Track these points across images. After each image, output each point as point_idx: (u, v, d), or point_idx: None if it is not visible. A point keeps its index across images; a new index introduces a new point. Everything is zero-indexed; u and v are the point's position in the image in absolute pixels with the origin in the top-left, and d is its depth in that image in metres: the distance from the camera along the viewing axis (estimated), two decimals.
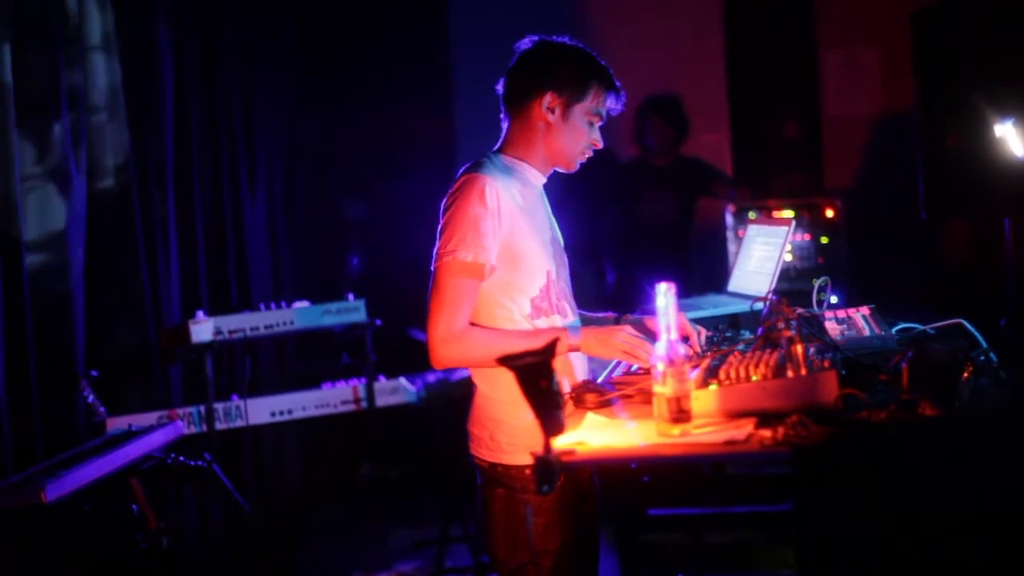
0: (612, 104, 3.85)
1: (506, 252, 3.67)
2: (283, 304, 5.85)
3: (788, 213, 7.35)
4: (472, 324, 3.68)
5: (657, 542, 6.39)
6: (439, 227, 3.70)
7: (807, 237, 7.39)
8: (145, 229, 5.84)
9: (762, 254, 4.56)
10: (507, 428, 3.73)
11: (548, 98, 3.77)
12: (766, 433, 2.99)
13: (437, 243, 3.67)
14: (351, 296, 5.97)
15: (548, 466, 2.86)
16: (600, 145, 3.85)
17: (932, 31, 6.61)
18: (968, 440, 2.98)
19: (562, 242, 3.99)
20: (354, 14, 8.39)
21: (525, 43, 3.86)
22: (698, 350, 3.71)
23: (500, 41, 8.33)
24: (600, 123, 3.84)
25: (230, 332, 5.64)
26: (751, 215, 7.43)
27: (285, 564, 6.51)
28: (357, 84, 8.45)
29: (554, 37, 3.86)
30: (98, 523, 5.02)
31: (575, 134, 3.80)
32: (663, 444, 3.07)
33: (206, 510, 6.28)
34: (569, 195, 7.75)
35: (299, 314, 5.81)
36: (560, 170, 3.90)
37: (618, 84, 3.85)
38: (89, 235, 5.39)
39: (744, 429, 3.05)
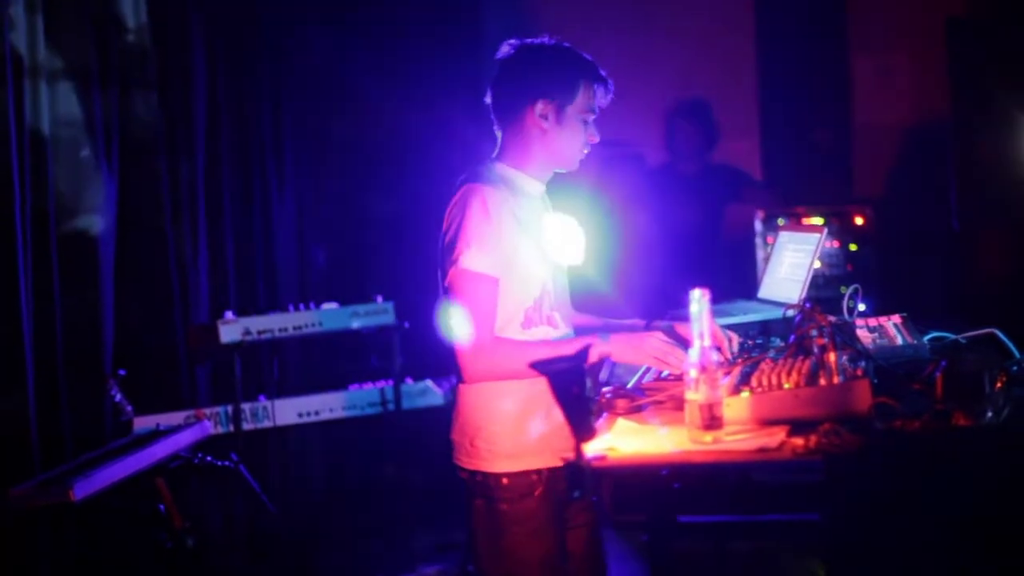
0: (602, 96, 3.79)
1: (505, 262, 3.62)
2: (311, 305, 5.85)
3: (818, 220, 7.32)
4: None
5: (687, 550, 6.37)
6: (444, 238, 3.65)
7: (836, 244, 7.36)
8: (174, 229, 5.85)
9: (793, 261, 4.53)
10: (486, 434, 3.69)
11: (540, 105, 3.71)
12: (798, 441, 2.98)
13: (447, 256, 3.61)
14: (379, 298, 5.97)
15: (579, 472, 2.85)
16: (597, 139, 3.79)
17: (967, 39, 6.58)
18: (1002, 450, 2.96)
19: (566, 247, 3.95)
20: (383, 12, 8.38)
21: (505, 50, 3.78)
22: (729, 357, 3.69)
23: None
24: (594, 118, 3.80)
25: (258, 333, 5.65)
26: (780, 222, 7.40)
27: (309, 565, 6.51)
28: (386, 83, 8.44)
29: (533, 40, 3.79)
30: (124, 522, 5.03)
31: (572, 135, 3.75)
32: (695, 451, 3.06)
33: (231, 510, 6.28)
34: (597, 200, 7.74)
35: (327, 315, 5.82)
36: (561, 170, 3.86)
37: (603, 74, 3.79)
38: (119, 235, 5.40)
39: (776, 437, 3.03)
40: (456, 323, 3.58)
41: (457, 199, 3.65)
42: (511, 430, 3.68)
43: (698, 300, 3.16)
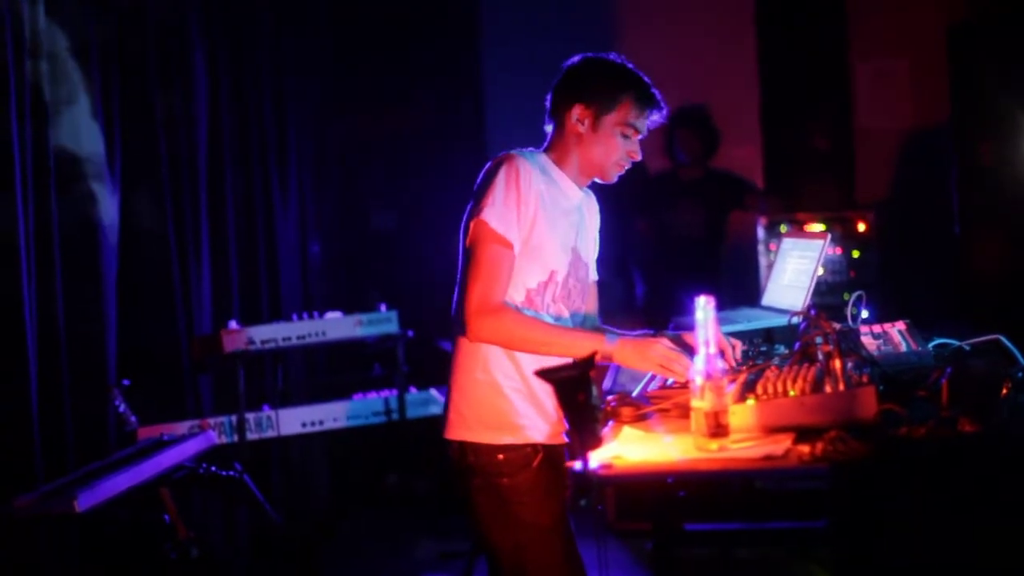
0: (650, 117, 3.87)
1: (521, 234, 3.69)
2: (315, 315, 5.85)
3: (820, 227, 7.32)
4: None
5: (692, 558, 6.36)
6: (471, 200, 3.74)
7: (839, 251, 7.36)
8: (177, 238, 5.85)
9: (796, 268, 4.54)
10: (482, 407, 3.73)
11: (578, 110, 3.82)
12: (804, 448, 2.98)
13: (469, 210, 3.71)
14: (383, 307, 5.97)
15: (586, 480, 2.85)
16: (638, 157, 3.88)
17: (967, 44, 6.59)
18: (1008, 457, 2.96)
19: (591, 264, 4.02)
20: (385, 20, 8.39)
21: (573, 59, 3.92)
22: (733, 364, 3.69)
23: (531, 49, 8.40)
24: (638, 136, 3.86)
25: (262, 342, 5.65)
26: (782, 228, 7.41)
27: (314, 574, 6.51)
28: (387, 92, 8.45)
29: (602, 54, 3.92)
30: (129, 533, 5.02)
31: (607, 146, 3.83)
32: (701, 459, 3.06)
33: (235, 520, 6.28)
34: (600, 207, 7.75)
35: (331, 325, 5.81)
36: (597, 180, 3.93)
37: (656, 96, 3.87)
38: (122, 245, 5.40)
39: (782, 444, 3.03)
40: (469, 277, 3.63)
41: (491, 165, 3.75)
42: (503, 406, 3.72)
43: (703, 308, 3.16)
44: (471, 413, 3.74)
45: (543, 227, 3.73)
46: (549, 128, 3.93)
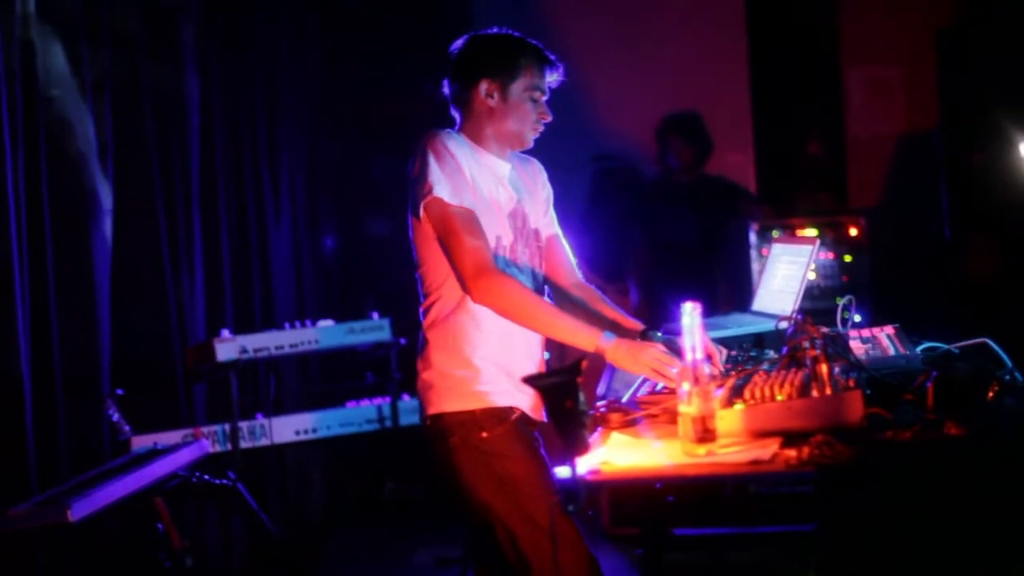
0: (550, 76, 3.94)
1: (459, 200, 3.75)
2: (308, 323, 5.87)
3: (812, 232, 7.34)
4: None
5: (682, 562, 6.37)
6: (411, 182, 3.85)
7: (831, 256, 7.38)
8: (170, 248, 5.86)
9: (786, 273, 4.55)
10: (448, 376, 3.78)
11: (484, 85, 3.88)
12: (791, 453, 2.99)
13: (416, 193, 3.79)
14: (376, 315, 5.98)
15: (574, 486, 2.86)
16: (548, 118, 3.95)
17: (956, 50, 6.61)
18: (994, 460, 2.97)
19: (544, 224, 4.08)
20: (378, 26, 8.40)
21: (457, 43, 4.01)
22: (720, 370, 3.71)
23: None
24: (543, 98, 3.93)
25: (255, 351, 5.66)
26: (775, 234, 7.42)
27: None
28: (380, 102, 8.46)
29: (483, 30, 4.02)
30: (123, 542, 5.03)
31: (520, 113, 3.90)
32: (688, 464, 3.07)
33: (229, 529, 6.28)
34: (593, 214, 7.75)
35: (324, 333, 5.83)
36: (515, 149, 3.98)
37: (551, 56, 3.95)
38: (115, 254, 5.41)
39: (769, 449, 3.05)
40: (453, 245, 3.69)
41: (418, 146, 3.85)
42: (471, 377, 3.76)
43: (689, 314, 3.18)
44: (444, 385, 3.77)
45: (478, 195, 3.79)
46: (456, 114, 3.99)
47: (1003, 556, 2.93)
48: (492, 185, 3.88)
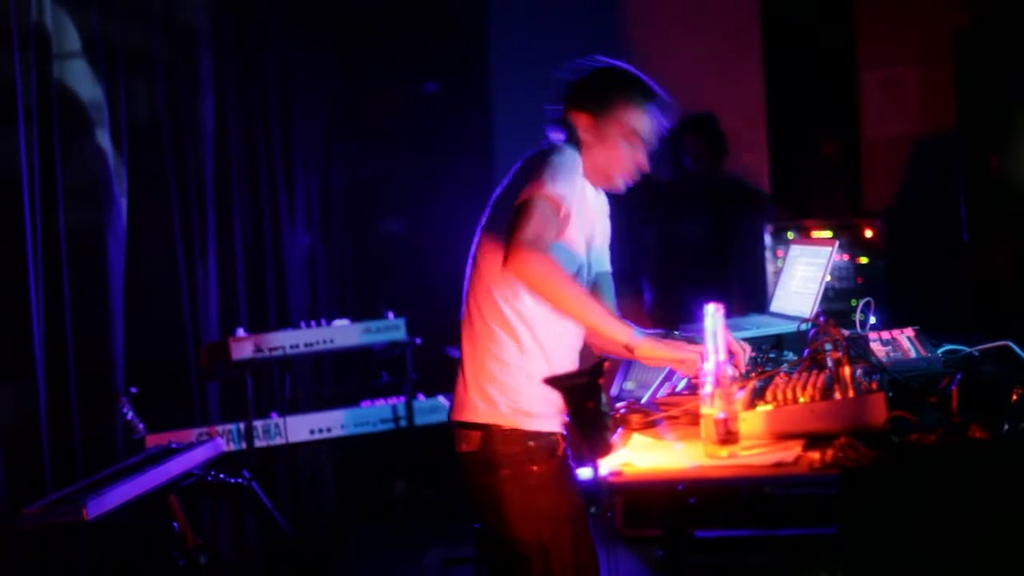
0: (656, 123, 3.85)
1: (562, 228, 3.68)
2: (323, 322, 5.85)
3: (827, 233, 7.31)
4: None
5: (702, 565, 6.35)
6: (525, 174, 3.66)
7: (846, 257, 7.35)
8: (185, 246, 5.85)
9: (805, 274, 4.53)
10: (507, 387, 3.70)
11: (581, 118, 3.82)
12: (815, 455, 2.98)
13: (524, 184, 3.60)
14: (391, 314, 5.97)
15: (596, 487, 2.84)
16: (647, 167, 3.84)
17: (974, 51, 6.58)
18: (1018, 463, 2.95)
19: (601, 256, 4.05)
20: (393, 26, 8.39)
21: (574, 65, 3.90)
22: (742, 371, 3.68)
23: (539, 55, 8.35)
24: (644, 146, 3.84)
25: (270, 350, 5.64)
26: (790, 235, 7.40)
27: None
28: (394, 102, 8.46)
29: (604, 59, 3.90)
30: (138, 540, 5.03)
31: (613, 154, 3.82)
32: (711, 466, 3.06)
33: (244, 527, 6.27)
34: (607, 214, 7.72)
35: (339, 332, 5.81)
36: (601, 187, 3.92)
37: (661, 100, 3.85)
38: (129, 253, 5.40)
39: (792, 451, 3.03)
40: (521, 220, 3.51)
41: (546, 150, 3.70)
42: (538, 391, 3.63)
43: (712, 315, 3.16)
44: (503, 398, 3.69)
45: (577, 222, 3.73)
46: (557, 137, 3.87)
47: None
48: (585, 211, 3.84)
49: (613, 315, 3.68)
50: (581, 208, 3.79)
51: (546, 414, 3.68)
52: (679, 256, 8.09)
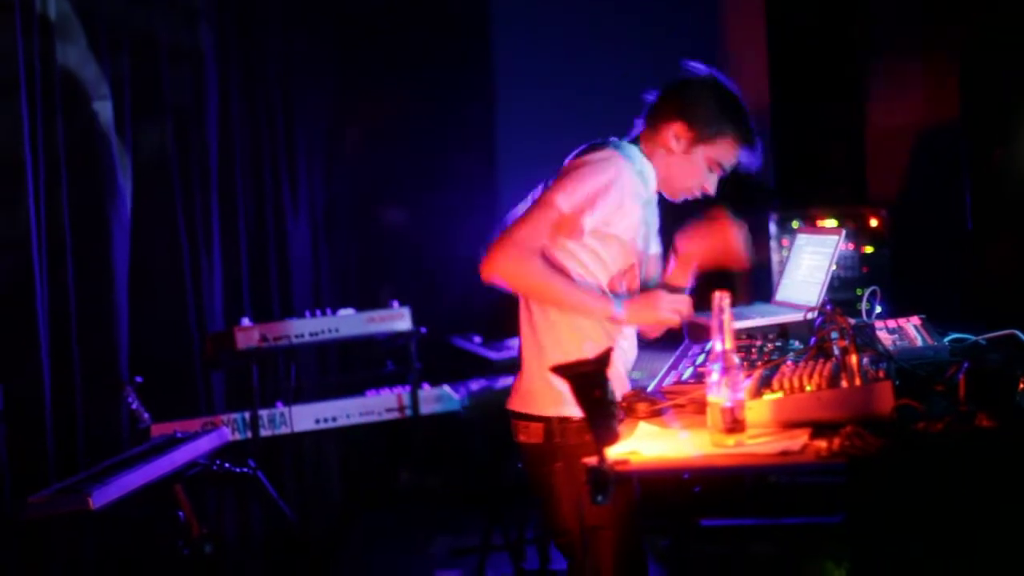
0: (743, 159, 3.91)
1: (604, 228, 3.73)
2: (328, 311, 5.85)
3: (833, 222, 7.30)
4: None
5: (708, 554, 6.35)
6: (559, 176, 3.75)
7: (851, 247, 7.34)
8: (188, 236, 5.85)
9: (811, 263, 4.52)
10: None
11: (679, 127, 3.84)
12: (821, 444, 2.97)
13: (550, 186, 3.72)
14: (395, 304, 5.97)
15: (602, 476, 2.84)
16: (711, 192, 3.93)
17: (979, 43, 6.57)
18: None
19: (654, 245, 4.09)
20: (394, 22, 8.38)
21: (699, 68, 3.95)
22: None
23: (541, 49, 8.36)
24: (721, 173, 3.90)
25: (275, 339, 5.64)
26: (795, 224, 7.38)
27: (326, 571, 6.51)
28: (397, 92, 8.45)
29: (721, 77, 3.95)
30: (143, 530, 5.03)
31: (690, 171, 3.88)
32: (717, 455, 3.05)
33: (249, 516, 6.28)
34: None
35: (344, 321, 5.81)
36: (661, 191, 3.93)
37: (756, 142, 3.91)
38: (133, 242, 5.40)
39: (799, 440, 3.03)
40: (513, 225, 3.68)
41: (594, 156, 3.76)
42: None
43: (719, 303, 3.15)
44: (564, 389, 3.71)
45: (627, 223, 3.77)
46: (640, 124, 3.94)
47: None
48: (642, 209, 3.86)
49: (591, 294, 3.74)
50: (640, 203, 3.84)
51: None
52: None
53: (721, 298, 3.15)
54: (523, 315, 3.89)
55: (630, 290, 3.87)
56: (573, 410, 3.66)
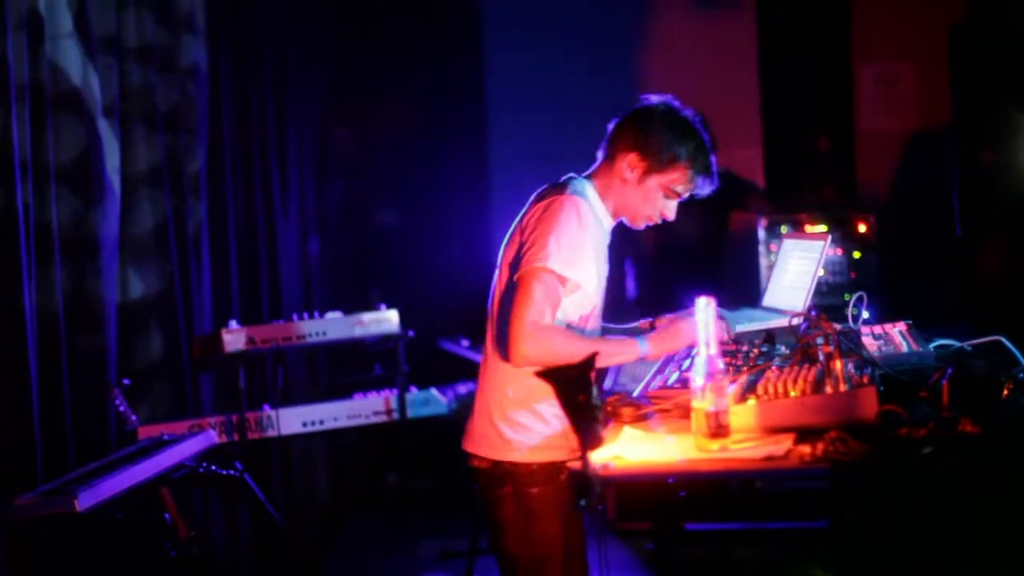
0: (699, 187, 3.91)
1: (575, 277, 3.71)
2: (316, 314, 5.85)
3: (821, 228, 7.31)
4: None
5: (692, 557, 6.36)
6: (527, 236, 3.73)
7: (839, 252, 7.35)
8: (178, 238, 5.84)
9: (798, 268, 4.53)
10: (521, 429, 3.78)
11: (632, 157, 3.83)
12: (805, 449, 2.98)
13: (528, 252, 3.69)
14: (383, 307, 5.97)
15: (586, 480, 2.85)
16: (671, 217, 3.92)
17: (969, 46, 6.58)
18: (1009, 458, 2.96)
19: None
20: (386, 24, 8.38)
21: (651, 98, 3.93)
22: (731, 335, 3.81)
23: (532, 49, 8.37)
24: (678, 199, 3.89)
25: (263, 342, 5.63)
26: (783, 229, 7.39)
27: (314, 574, 6.51)
28: (388, 94, 8.45)
29: (679, 105, 3.93)
30: (129, 532, 5.02)
31: (646, 199, 3.87)
32: (701, 459, 3.07)
33: (236, 519, 6.27)
34: None
35: (332, 324, 5.80)
36: (619, 219, 3.94)
37: (712, 168, 3.90)
38: (122, 245, 5.40)
39: (783, 445, 3.04)
40: (517, 307, 3.62)
41: (555, 205, 3.74)
42: (548, 431, 3.76)
43: (703, 308, 3.16)
44: (516, 438, 3.78)
45: (591, 269, 3.76)
46: (600, 154, 3.94)
47: (1018, 552, 2.92)
48: (601, 250, 3.87)
49: (615, 343, 3.77)
50: (599, 246, 3.85)
51: (555, 447, 3.75)
52: (671, 251, 8.08)
53: (706, 303, 3.16)
54: (484, 354, 3.94)
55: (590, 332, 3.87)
56: (521, 455, 3.76)
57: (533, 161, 3.99)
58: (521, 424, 3.77)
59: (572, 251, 3.65)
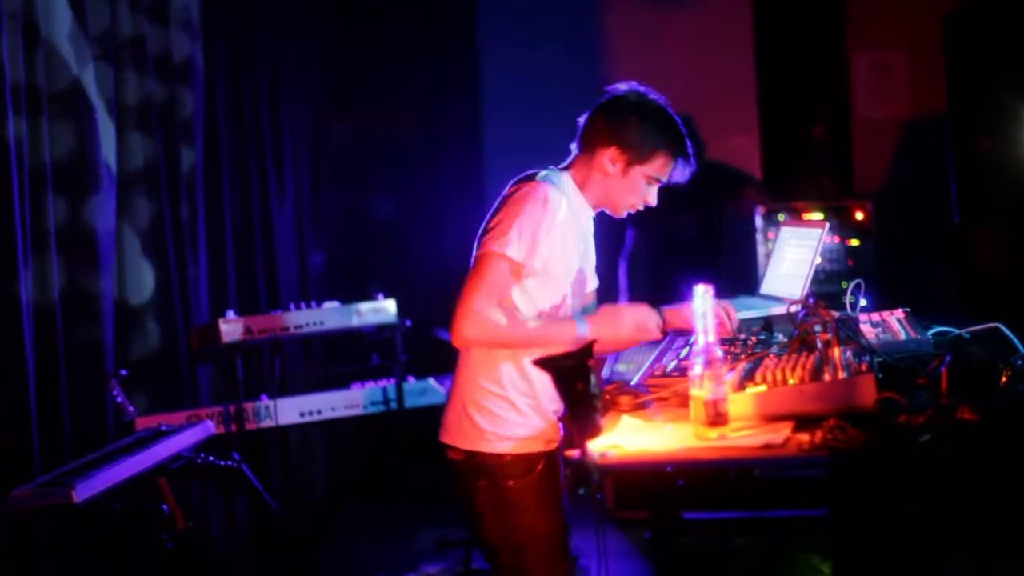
0: (678, 173, 3.88)
1: (540, 261, 3.69)
2: (313, 304, 5.84)
3: (818, 215, 7.31)
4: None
5: (690, 546, 6.36)
6: (492, 219, 3.72)
7: (836, 240, 7.35)
8: (174, 230, 5.84)
9: (795, 256, 4.53)
10: (495, 420, 3.77)
11: (612, 151, 3.81)
12: (804, 437, 2.98)
13: (487, 234, 3.69)
14: (381, 296, 5.96)
15: (585, 469, 2.84)
16: (653, 203, 3.90)
17: (964, 33, 6.57)
18: (1007, 445, 2.95)
19: (590, 275, 4.04)
20: (381, 21, 8.37)
21: (619, 88, 3.90)
22: (731, 331, 3.79)
23: (527, 45, 8.35)
24: (660, 185, 3.88)
25: (260, 332, 5.63)
26: (780, 217, 7.39)
27: (312, 564, 6.50)
28: (384, 85, 8.44)
29: (648, 91, 3.90)
30: (127, 523, 5.02)
31: (630, 190, 3.85)
32: (700, 448, 3.06)
33: (234, 510, 6.27)
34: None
35: (329, 314, 5.80)
36: (602, 210, 3.92)
37: (690, 151, 3.87)
38: (118, 235, 5.39)
39: (781, 433, 3.03)
40: (466, 288, 3.62)
41: (521, 191, 3.73)
42: (520, 420, 3.76)
43: (702, 296, 3.16)
44: (487, 427, 3.77)
45: (559, 258, 3.75)
46: (574, 148, 3.92)
47: (1017, 540, 2.92)
48: (574, 240, 3.84)
49: (554, 324, 3.73)
50: (573, 235, 3.83)
51: (528, 437, 3.77)
52: (669, 239, 8.07)
53: (704, 291, 3.16)
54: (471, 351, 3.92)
55: None
56: (490, 446, 3.76)
57: (526, 157, 4.00)
58: (496, 415, 3.76)
59: (533, 238, 3.64)
